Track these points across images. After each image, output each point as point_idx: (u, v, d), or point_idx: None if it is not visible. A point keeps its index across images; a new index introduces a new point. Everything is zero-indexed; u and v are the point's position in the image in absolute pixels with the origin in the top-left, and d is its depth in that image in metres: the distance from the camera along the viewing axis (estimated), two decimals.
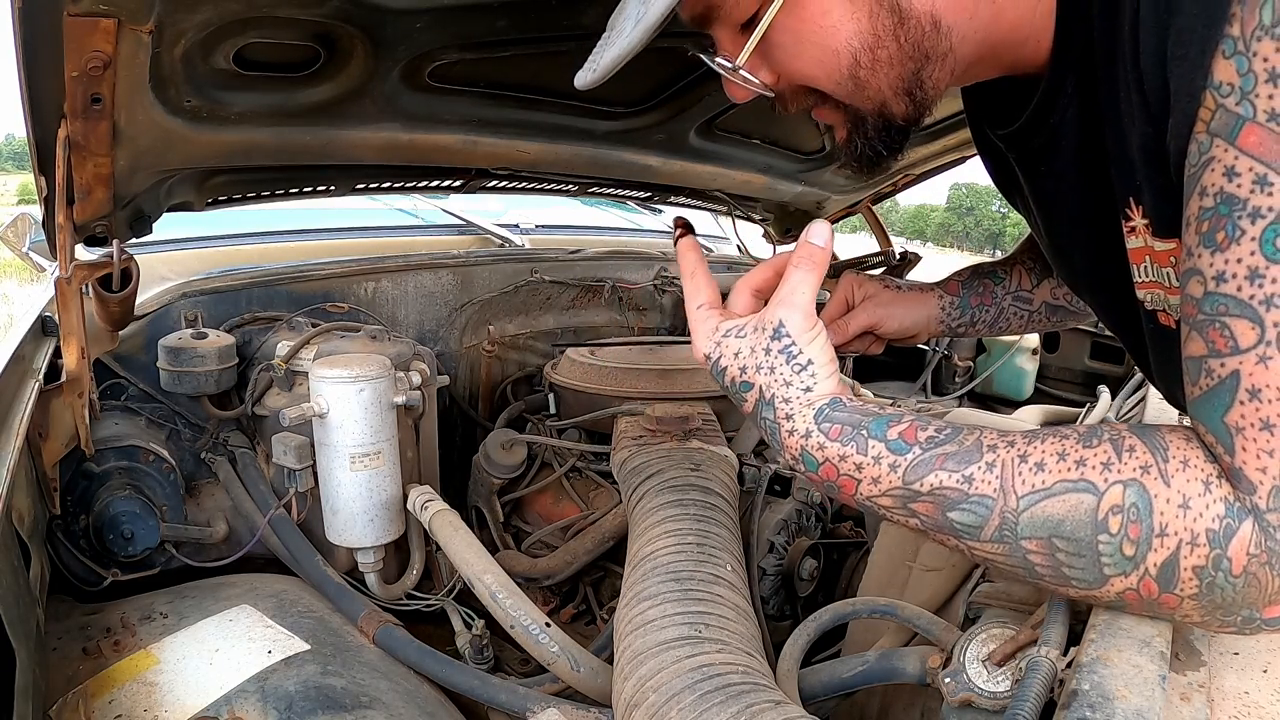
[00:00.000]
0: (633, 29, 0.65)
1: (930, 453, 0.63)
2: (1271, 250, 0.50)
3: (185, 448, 1.51)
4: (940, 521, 0.62)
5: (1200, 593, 0.54)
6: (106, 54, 0.86)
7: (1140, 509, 0.54)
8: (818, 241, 0.71)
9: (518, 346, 2.09)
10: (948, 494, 0.61)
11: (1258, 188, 0.50)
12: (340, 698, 0.99)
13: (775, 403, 0.70)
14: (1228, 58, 0.50)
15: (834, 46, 0.67)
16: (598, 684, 1.11)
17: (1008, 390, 2.44)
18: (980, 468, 0.60)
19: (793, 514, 1.47)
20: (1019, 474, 0.59)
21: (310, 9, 1.08)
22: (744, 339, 0.72)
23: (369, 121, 1.44)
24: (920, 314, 1.07)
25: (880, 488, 0.65)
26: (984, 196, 58.68)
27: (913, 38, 0.66)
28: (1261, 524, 0.52)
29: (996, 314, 1.10)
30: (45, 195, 1.08)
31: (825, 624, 1.02)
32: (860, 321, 1.06)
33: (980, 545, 0.61)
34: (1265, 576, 0.52)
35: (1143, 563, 0.55)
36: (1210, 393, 0.54)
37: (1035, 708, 0.60)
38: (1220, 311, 0.52)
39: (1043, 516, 0.57)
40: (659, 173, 2.06)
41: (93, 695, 0.98)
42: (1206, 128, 0.52)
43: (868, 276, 1.09)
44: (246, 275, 1.67)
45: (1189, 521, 0.53)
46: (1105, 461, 0.57)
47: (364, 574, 1.38)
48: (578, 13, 1.24)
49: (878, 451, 0.65)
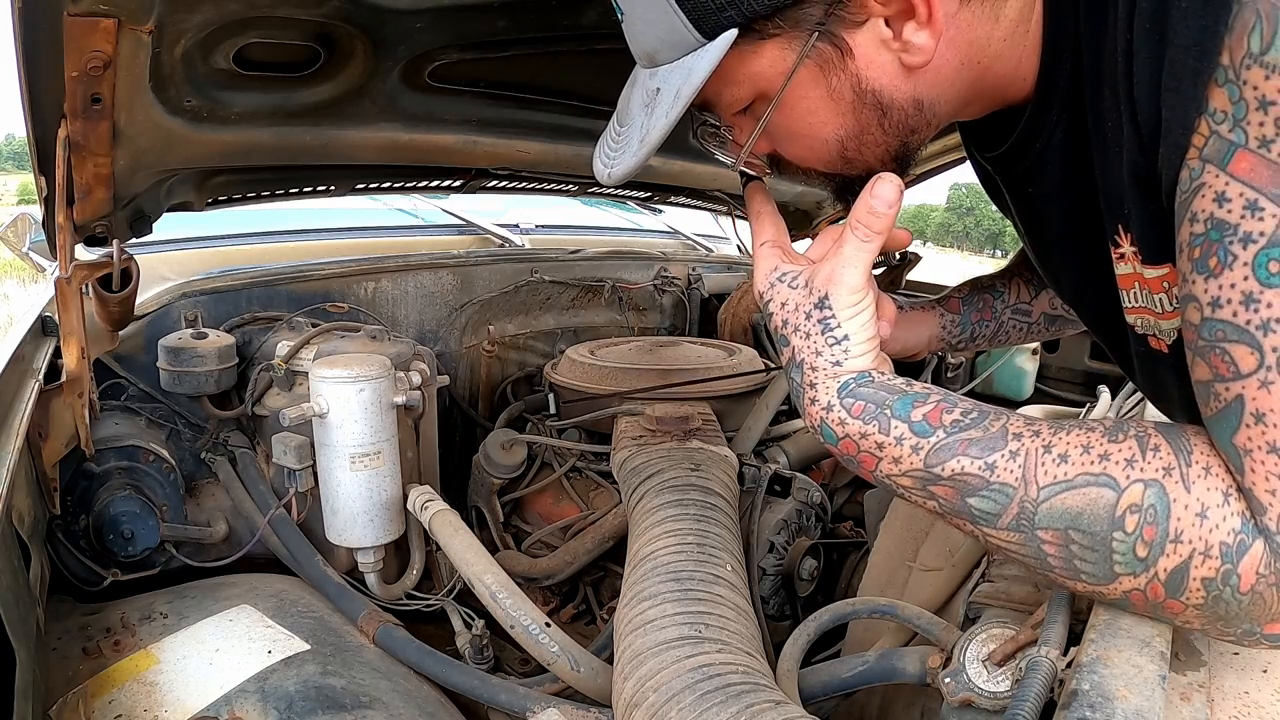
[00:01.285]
0: (638, 148, 0.71)
1: (954, 437, 0.62)
2: (1265, 275, 0.50)
3: (185, 448, 1.51)
4: (959, 506, 0.62)
5: (1205, 604, 0.54)
6: (106, 54, 0.86)
7: (1158, 511, 0.54)
8: (880, 206, 0.67)
9: (518, 346, 2.09)
10: (969, 480, 0.61)
11: (1248, 213, 0.50)
12: (340, 698, 0.99)
13: (804, 368, 0.70)
14: (1220, 86, 0.51)
15: (823, 138, 0.71)
16: (598, 684, 1.11)
17: (1008, 390, 2.43)
18: (1004, 455, 0.60)
19: (793, 514, 1.47)
20: (1042, 464, 0.58)
21: (310, 9, 1.08)
22: (795, 291, 0.71)
23: (369, 121, 1.44)
24: (922, 333, 1.08)
25: (901, 468, 0.65)
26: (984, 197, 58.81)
27: (896, 121, 0.68)
28: (1273, 545, 0.52)
29: (996, 328, 1.11)
30: (45, 195, 1.08)
31: (825, 624, 1.02)
32: None
33: (995, 532, 0.61)
34: (1271, 596, 0.52)
35: (1153, 566, 0.55)
36: (1219, 415, 0.54)
37: (1035, 708, 0.60)
38: (1219, 337, 0.53)
39: (1061, 508, 0.57)
40: (659, 173, 2.06)
41: (93, 695, 0.98)
42: (1199, 154, 0.53)
43: None
44: (246, 275, 1.67)
45: (1204, 531, 0.53)
46: (1129, 458, 0.56)
47: (364, 574, 1.38)
48: (578, 13, 1.24)
49: (900, 432, 0.64)
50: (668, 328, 2.41)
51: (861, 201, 0.68)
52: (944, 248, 77.79)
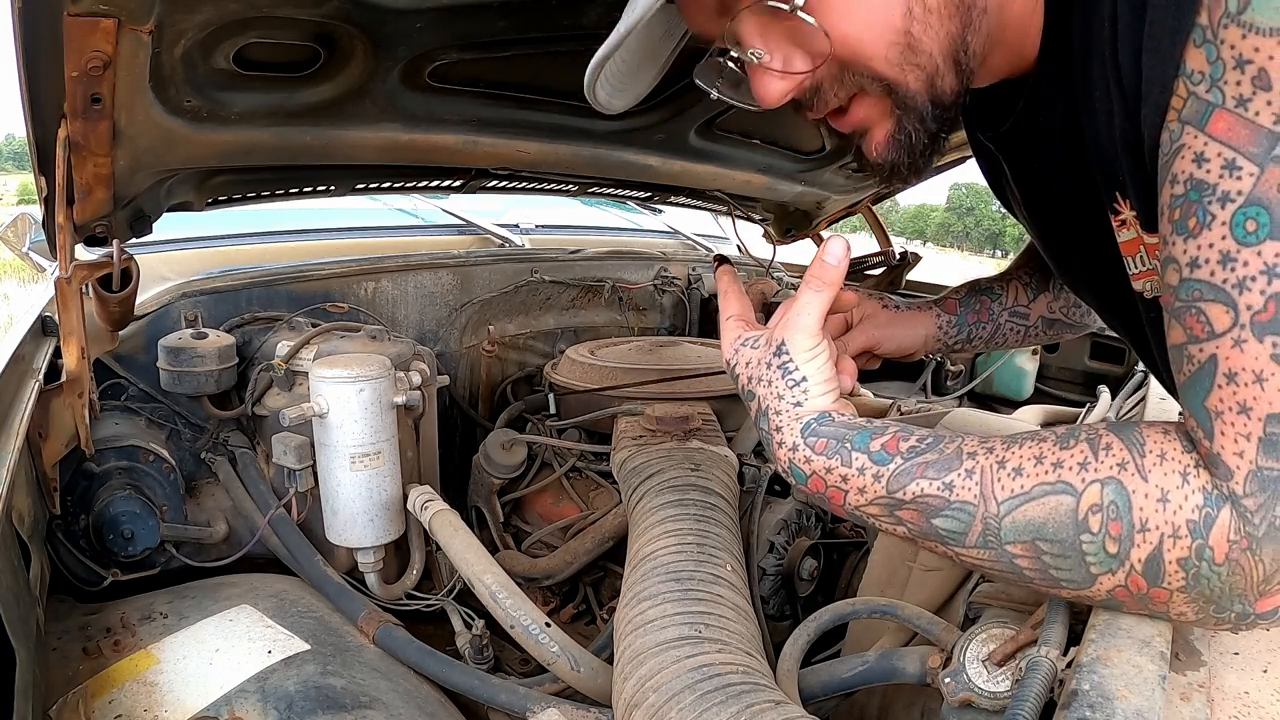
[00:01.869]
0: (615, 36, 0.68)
1: (911, 462, 0.64)
2: (1242, 234, 0.50)
3: (185, 448, 1.51)
4: (926, 528, 0.64)
5: (1188, 584, 0.54)
6: (106, 54, 0.86)
7: (1119, 506, 0.55)
8: (831, 261, 0.71)
9: (518, 346, 2.09)
10: (930, 501, 0.63)
11: (1226, 172, 0.50)
12: (340, 698, 0.99)
13: (769, 414, 0.73)
14: (1198, 46, 0.51)
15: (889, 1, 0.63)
16: (598, 684, 1.11)
17: (1008, 390, 2.44)
18: (960, 475, 0.62)
19: (793, 514, 1.47)
20: (998, 480, 0.60)
21: (310, 9, 1.08)
22: (756, 350, 0.76)
23: (369, 121, 1.44)
24: (918, 333, 1.09)
25: (866, 497, 0.67)
26: (984, 196, 58.73)
27: None
28: (1239, 510, 0.52)
29: (993, 330, 1.11)
30: (45, 195, 1.08)
31: (825, 624, 1.02)
32: (859, 342, 1.07)
33: (966, 551, 0.62)
34: (1248, 562, 0.52)
35: (1127, 559, 0.55)
36: (1192, 379, 0.54)
37: (1035, 708, 0.60)
38: (1195, 297, 0.52)
39: (1024, 520, 0.58)
40: (659, 173, 2.06)
41: (93, 695, 0.98)
42: (1178, 116, 0.53)
43: (866, 295, 1.10)
44: (246, 275, 1.67)
45: (1169, 515, 0.53)
46: (1081, 462, 0.57)
47: (364, 574, 1.38)
48: (578, 13, 1.24)
49: (861, 463, 0.67)
50: (668, 328, 2.41)
51: (815, 260, 0.72)
52: (944, 248, 77.77)
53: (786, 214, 2.69)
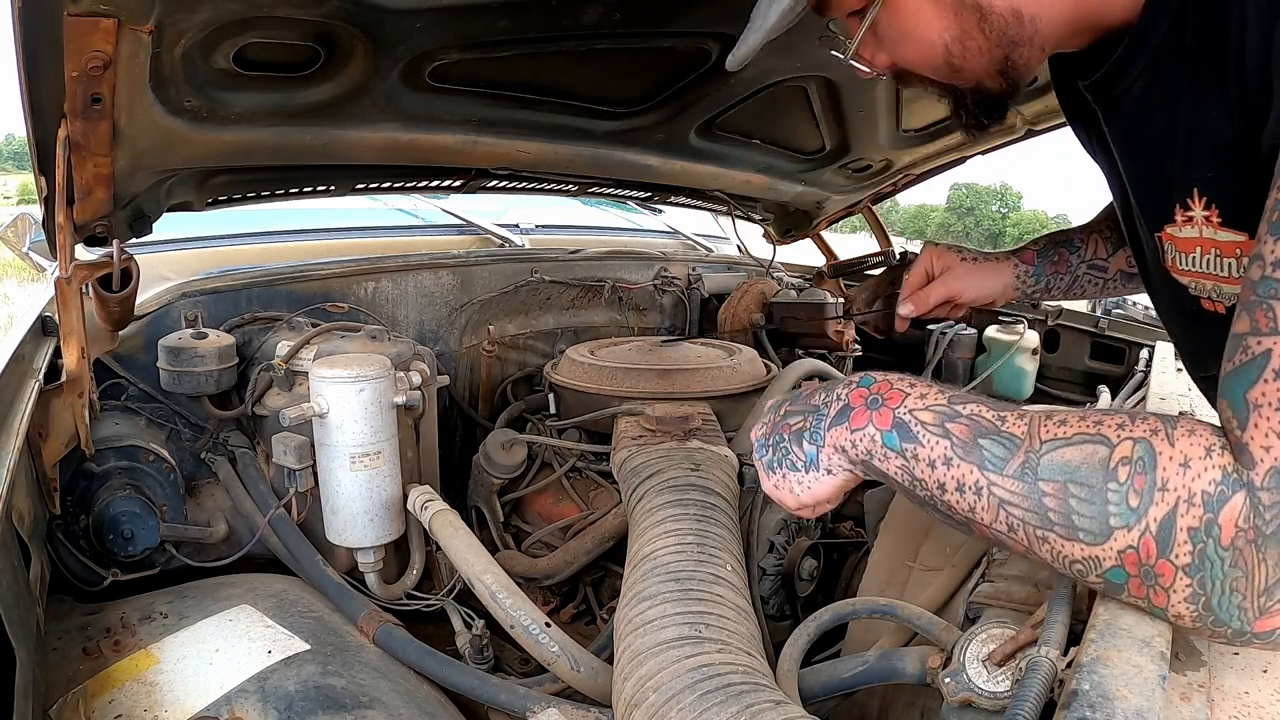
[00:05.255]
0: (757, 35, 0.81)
1: (970, 395, 0.71)
2: None
3: (185, 448, 1.51)
4: (970, 445, 0.66)
5: (1193, 564, 0.55)
6: (106, 54, 0.86)
7: (1146, 462, 0.57)
8: None
9: (518, 346, 2.09)
10: (983, 421, 0.67)
11: None
12: (340, 698, 0.99)
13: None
14: None
15: (929, 39, 0.79)
16: (598, 684, 1.11)
17: (1008, 390, 2.43)
18: (1013, 414, 0.66)
19: (793, 514, 1.47)
20: (1044, 425, 0.64)
21: (310, 9, 1.08)
22: None
23: (369, 121, 1.44)
24: (997, 283, 1.15)
25: (925, 402, 0.71)
26: (984, 197, 58.74)
27: (997, 29, 0.75)
28: (1254, 499, 0.53)
29: (1071, 281, 1.16)
30: (45, 195, 1.08)
31: (825, 624, 1.02)
32: (940, 292, 1.14)
33: (1002, 480, 0.64)
34: (1251, 557, 0.53)
35: (1144, 516, 0.56)
36: (1240, 368, 0.56)
37: (1035, 708, 0.60)
38: (1271, 294, 0.54)
39: (1061, 461, 0.61)
40: (659, 173, 2.06)
41: (93, 695, 0.98)
42: None
43: (946, 248, 1.17)
44: (246, 275, 1.67)
45: (1188, 480, 0.55)
46: (1120, 424, 0.61)
47: (364, 574, 1.38)
48: (578, 13, 1.24)
49: (926, 384, 0.74)
50: (668, 328, 2.41)
51: None
52: None
53: (786, 214, 2.69)
